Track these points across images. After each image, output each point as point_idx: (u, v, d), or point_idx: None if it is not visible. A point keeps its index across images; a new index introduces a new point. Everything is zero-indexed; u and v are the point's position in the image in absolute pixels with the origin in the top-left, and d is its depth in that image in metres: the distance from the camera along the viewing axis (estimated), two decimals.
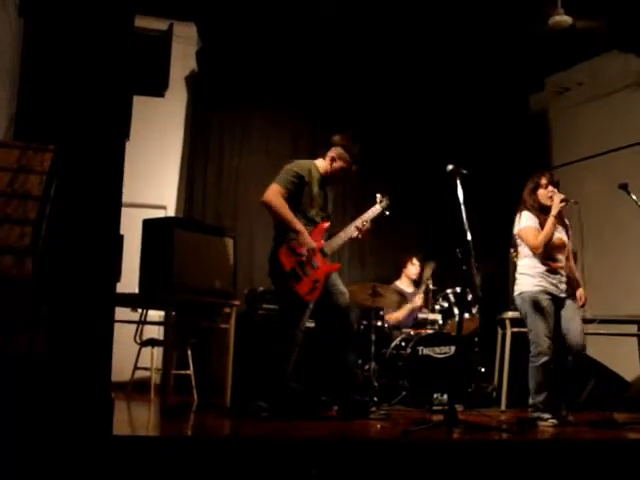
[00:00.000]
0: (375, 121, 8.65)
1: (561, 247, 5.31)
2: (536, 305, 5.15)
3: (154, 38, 8.38)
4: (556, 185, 5.34)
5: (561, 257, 5.30)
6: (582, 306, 5.43)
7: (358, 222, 5.22)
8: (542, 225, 5.22)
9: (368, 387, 6.04)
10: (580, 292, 5.42)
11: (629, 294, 7.84)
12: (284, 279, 4.87)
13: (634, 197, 5.46)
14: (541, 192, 5.32)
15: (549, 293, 5.18)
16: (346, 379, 5.05)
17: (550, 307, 5.17)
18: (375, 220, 5.33)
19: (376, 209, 5.38)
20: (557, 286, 5.21)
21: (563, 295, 5.25)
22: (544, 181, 5.33)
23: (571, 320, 5.20)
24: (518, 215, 5.38)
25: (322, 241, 5.07)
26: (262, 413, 4.74)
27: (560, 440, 4.26)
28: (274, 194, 4.94)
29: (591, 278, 5.63)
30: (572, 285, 5.39)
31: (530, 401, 5.16)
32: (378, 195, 5.48)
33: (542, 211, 5.29)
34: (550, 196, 5.26)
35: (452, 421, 4.32)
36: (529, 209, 5.32)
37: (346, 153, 5.18)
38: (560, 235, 5.32)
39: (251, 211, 7.87)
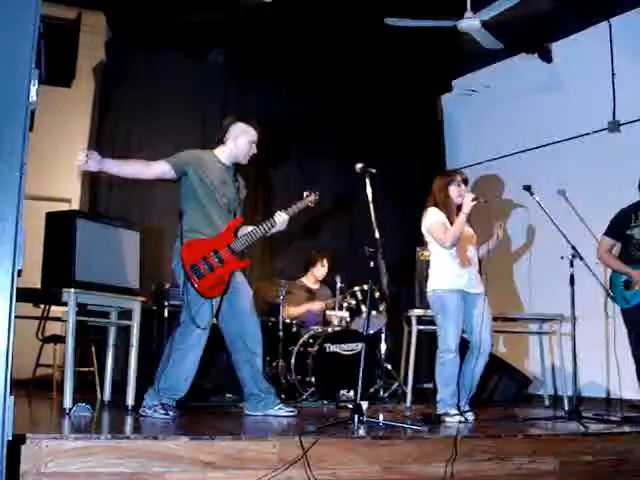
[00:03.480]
0: (285, 117, 8.63)
1: (470, 239, 5.41)
2: (446, 305, 5.20)
3: (62, 27, 8.16)
4: (466, 183, 5.41)
5: (471, 249, 5.39)
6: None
7: (277, 217, 5.07)
8: (451, 222, 5.27)
9: (276, 384, 6.02)
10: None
11: (529, 294, 8.06)
12: (185, 274, 4.78)
13: (537, 198, 5.60)
14: (452, 189, 5.33)
15: (460, 290, 5.24)
16: (253, 377, 5.01)
17: (460, 306, 5.22)
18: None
19: (302, 204, 5.22)
20: (468, 282, 5.28)
21: (474, 291, 5.31)
22: (458, 178, 5.37)
23: (480, 319, 5.26)
24: (425, 211, 5.39)
25: (232, 236, 4.97)
26: (167, 411, 4.67)
27: (463, 435, 4.33)
28: None
29: (493, 278, 5.73)
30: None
31: (437, 397, 5.24)
32: (305, 192, 5.35)
33: (451, 208, 5.33)
34: (460, 194, 5.30)
35: (358, 417, 4.35)
36: (438, 205, 5.34)
37: (248, 126, 5.10)
38: (468, 229, 5.40)
39: (159, 205, 7.76)
